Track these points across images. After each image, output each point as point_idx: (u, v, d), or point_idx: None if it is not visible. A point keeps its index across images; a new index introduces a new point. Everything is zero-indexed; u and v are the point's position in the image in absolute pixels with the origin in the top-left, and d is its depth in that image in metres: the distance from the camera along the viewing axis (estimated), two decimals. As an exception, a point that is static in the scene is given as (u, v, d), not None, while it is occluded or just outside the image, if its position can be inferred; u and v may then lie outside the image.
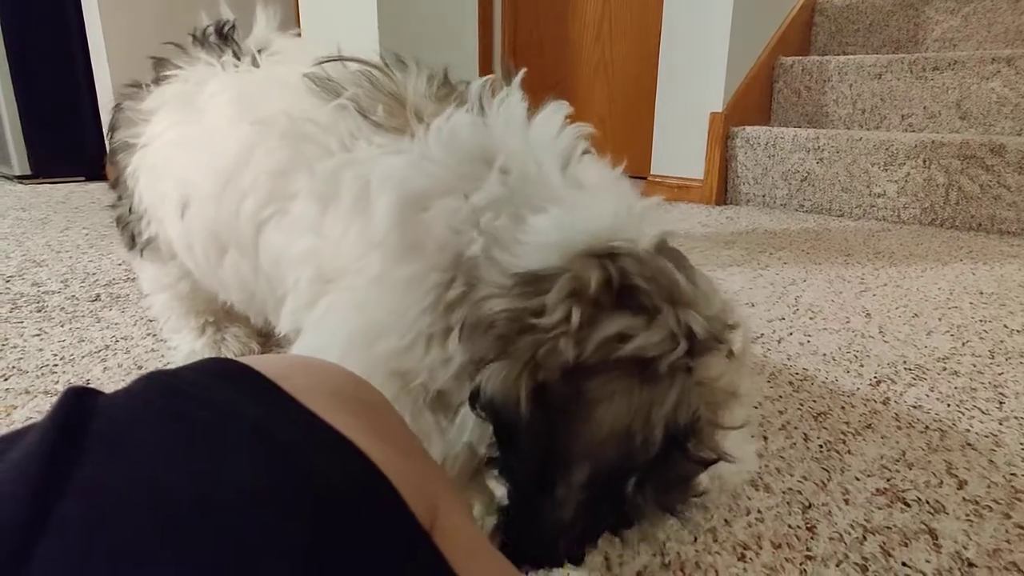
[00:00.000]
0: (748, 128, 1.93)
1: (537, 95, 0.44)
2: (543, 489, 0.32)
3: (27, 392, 0.67)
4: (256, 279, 0.50)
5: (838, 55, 2.11)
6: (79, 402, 0.21)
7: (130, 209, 0.62)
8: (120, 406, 0.21)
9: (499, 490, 0.35)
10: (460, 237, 0.37)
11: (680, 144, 2.02)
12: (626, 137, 2.54)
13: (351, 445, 0.21)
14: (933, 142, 1.65)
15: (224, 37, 0.58)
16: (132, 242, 0.64)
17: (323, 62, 0.48)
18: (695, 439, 0.32)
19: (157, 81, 0.60)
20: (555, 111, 0.43)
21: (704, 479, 0.33)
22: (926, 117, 1.88)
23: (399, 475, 0.22)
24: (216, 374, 0.23)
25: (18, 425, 0.60)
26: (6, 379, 0.70)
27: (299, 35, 0.61)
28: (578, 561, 0.37)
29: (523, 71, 0.45)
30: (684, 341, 0.32)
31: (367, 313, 0.39)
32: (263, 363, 0.25)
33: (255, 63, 0.54)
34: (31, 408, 0.64)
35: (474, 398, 0.33)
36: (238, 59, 0.55)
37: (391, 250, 0.38)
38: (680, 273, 0.35)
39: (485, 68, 2.68)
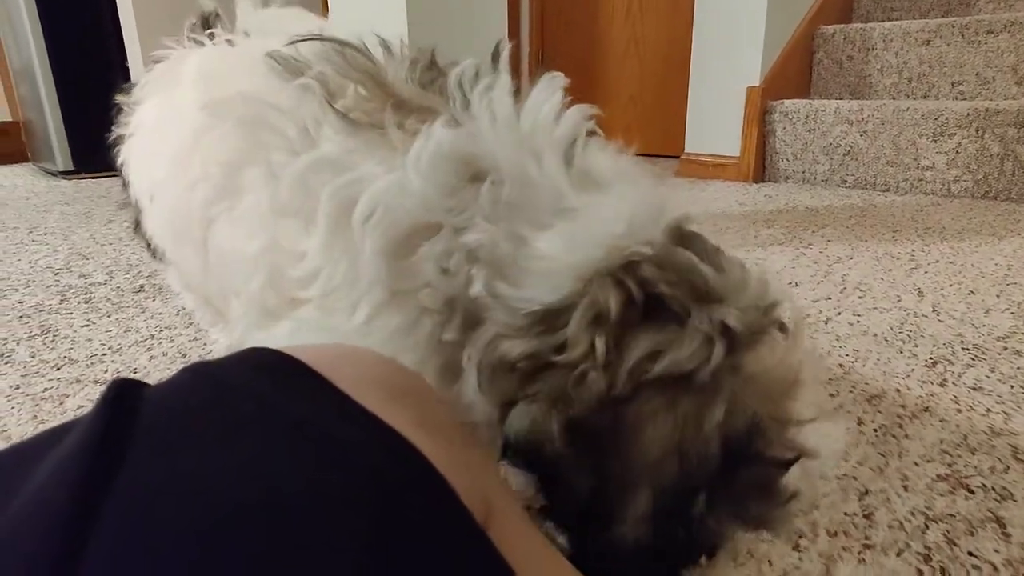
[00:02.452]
0: (787, 102, 1.86)
1: (567, 76, 0.40)
2: (602, 524, 0.30)
3: (78, 381, 0.69)
4: (206, 279, 0.47)
5: (883, 21, 2.01)
6: (124, 395, 0.21)
7: (138, 208, 0.57)
8: (166, 399, 0.21)
9: (559, 539, 0.33)
10: (453, 279, 0.33)
11: (715, 120, 1.96)
12: (659, 115, 2.49)
13: (404, 440, 0.20)
14: (987, 110, 1.56)
15: (209, 26, 0.55)
16: (149, 244, 0.59)
17: (297, 41, 0.42)
18: (763, 441, 0.29)
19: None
20: (548, 89, 0.37)
21: (792, 480, 0.29)
22: (979, 84, 1.78)
23: (451, 469, 0.21)
24: (259, 366, 0.23)
25: (70, 414, 0.62)
26: (58, 368, 0.72)
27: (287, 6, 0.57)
28: None
29: (509, 46, 0.40)
30: (721, 342, 0.29)
31: None
32: (307, 353, 0.25)
33: (234, 39, 0.52)
34: (83, 397, 0.66)
35: (505, 448, 0.31)
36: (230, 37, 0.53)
37: (376, 300, 0.35)
38: (705, 263, 0.31)
39: (513, 48, 2.64)
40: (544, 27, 2.77)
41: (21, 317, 0.89)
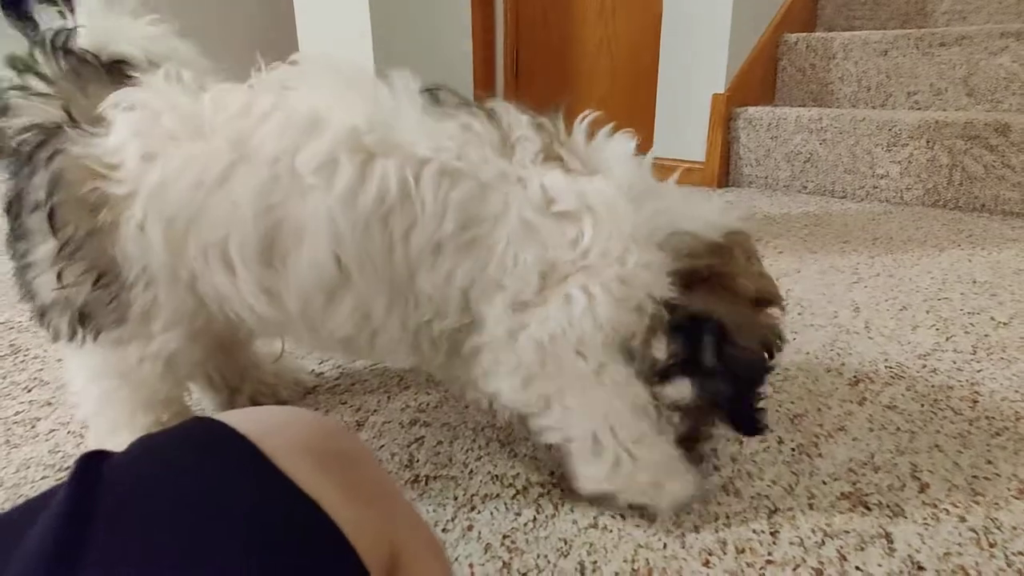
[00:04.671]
0: (751, 109, 1.91)
1: (541, 74, 0.50)
2: (757, 367, 0.52)
3: (49, 404, 0.72)
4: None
5: (845, 30, 2.07)
6: (88, 475, 0.25)
7: (96, 282, 0.51)
8: (120, 482, 0.25)
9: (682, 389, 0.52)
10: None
11: (682, 125, 2.01)
12: (629, 117, 2.53)
13: (322, 515, 0.25)
14: (937, 122, 1.63)
15: (65, 51, 0.52)
16: (80, 325, 0.52)
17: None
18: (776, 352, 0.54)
19: (86, 120, 0.50)
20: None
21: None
22: (932, 94, 1.85)
23: (358, 525, 0.26)
24: (203, 443, 0.27)
25: (42, 438, 0.65)
26: (29, 391, 0.75)
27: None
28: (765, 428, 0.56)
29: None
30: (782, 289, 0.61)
31: None
32: (247, 423, 0.29)
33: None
34: (54, 420, 0.69)
35: (690, 321, 0.50)
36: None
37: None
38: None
39: (487, 44, 2.66)
40: (519, 24, 2.79)
41: (-8, 334, 0.91)
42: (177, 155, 0.49)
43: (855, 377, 0.77)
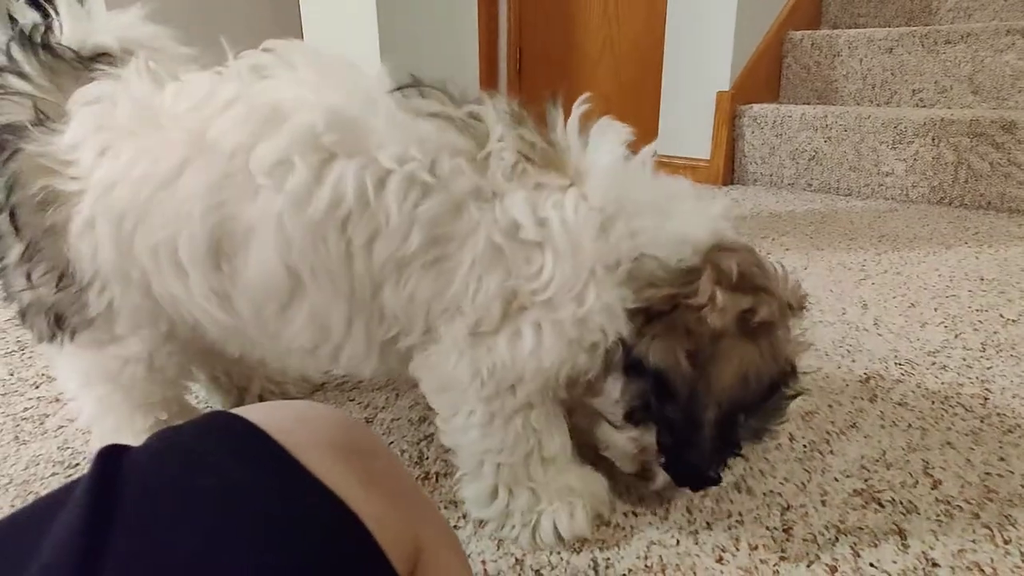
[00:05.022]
0: (755, 106, 1.91)
1: (544, 75, 0.46)
2: (695, 426, 0.45)
3: (57, 400, 0.72)
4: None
5: (850, 28, 2.07)
6: (107, 471, 0.24)
7: (59, 282, 0.49)
8: (140, 477, 0.24)
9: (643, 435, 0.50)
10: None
11: (687, 123, 2.01)
12: (633, 116, 2.51)
13: (345, 509, 0.24)
14: (943, 119, 1.63)
15: (42, 47, 0.50)
16: (57, 327, 0.51)
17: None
18: (787, 381, 0.47)
19: (53, 117, 0.48)
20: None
21: (789, 408, 0.49)
22: (937, 92, 1.84)
23: (382, 522, 0.26)
24: (223, 439, 0.26)
25: (51, 435, 0.65)
26: (37, 387, 0.75)
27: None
28: (719, 481, 0.51)
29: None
30: (787, 309, 0.48)
31: None
32: (267, 418, 0.28)
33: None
34: (61, 416, 0.69)
35: (636, 364, 0.46)
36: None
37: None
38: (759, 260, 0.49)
39: (491, 46, 2.66)
40: (522, 25, 2.79)
41: (-2, 331, 0.91)
42: (129, 149, 0.47)
43: (865, 374, 0.77)
